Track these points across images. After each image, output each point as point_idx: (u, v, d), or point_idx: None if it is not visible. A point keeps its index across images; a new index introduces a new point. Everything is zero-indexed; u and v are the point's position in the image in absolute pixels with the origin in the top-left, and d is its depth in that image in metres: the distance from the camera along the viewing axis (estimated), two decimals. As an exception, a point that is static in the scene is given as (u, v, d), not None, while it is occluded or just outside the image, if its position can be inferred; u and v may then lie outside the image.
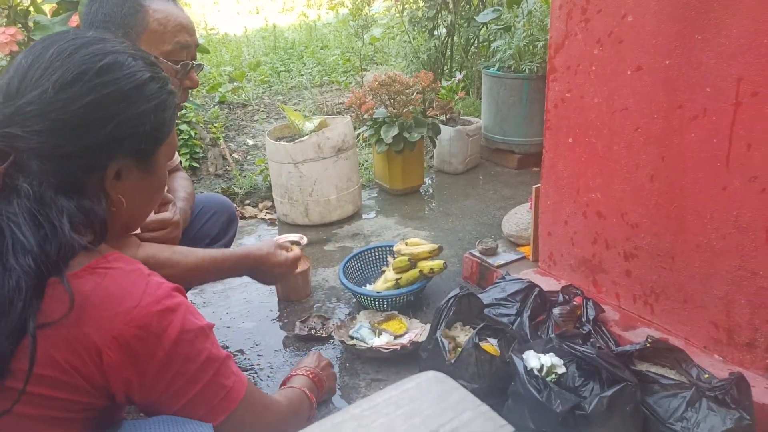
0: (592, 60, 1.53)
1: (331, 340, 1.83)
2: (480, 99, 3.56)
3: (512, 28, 3.16)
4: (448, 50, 4.27)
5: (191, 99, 3.16)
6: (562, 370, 1.31)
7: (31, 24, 2.50)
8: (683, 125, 1.35)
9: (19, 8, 2.52)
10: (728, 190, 1.30)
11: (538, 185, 1.85)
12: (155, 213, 1.35)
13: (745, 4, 1.17)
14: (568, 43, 1.60)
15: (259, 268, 1.40)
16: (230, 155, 3.54)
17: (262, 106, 4.49)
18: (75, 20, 2.35)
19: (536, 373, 1.30)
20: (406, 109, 2.82)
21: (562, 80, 1.64)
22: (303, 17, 8.83)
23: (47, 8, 2.57)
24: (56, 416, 0.75)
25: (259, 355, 1.79)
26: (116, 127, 0.80)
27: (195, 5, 9.32)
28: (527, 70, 2.97)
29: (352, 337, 1.76)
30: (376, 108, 2.89)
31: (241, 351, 1.81)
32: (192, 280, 1.33)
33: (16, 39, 2.35)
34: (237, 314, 2.03)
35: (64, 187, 0.77)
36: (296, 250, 1.51)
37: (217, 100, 4.40)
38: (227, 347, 1.84)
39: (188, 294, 2.15)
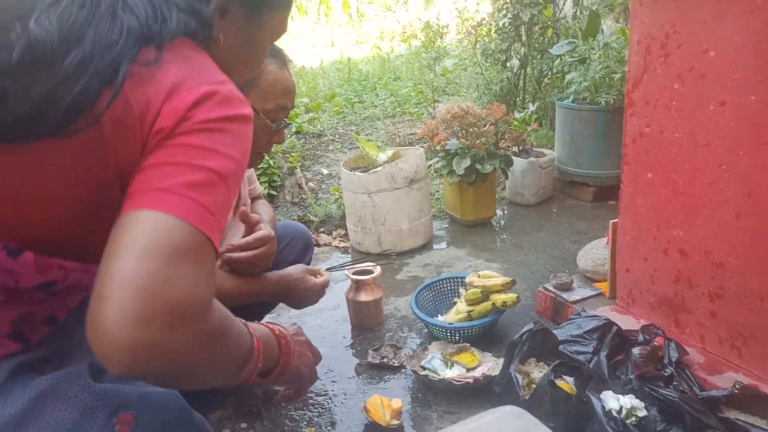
0: (672, 95, 1.51)
1: (404, 370, 1.85)
2: (553, 131, 3.54)
3: (587, 60, 3.14)
4: (520, 82, 4.28)
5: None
6: (643, 413, 1.28)
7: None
8: (772, 162, 1.31)
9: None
10: (823, 231, 1.24)
11: (616, 220, 1.82)
12: (249, 234, 1.43)
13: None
14: (646, 77, 1.58)
15: (290, 293, 1.49)
16: (306, 184, 3.67)
17: (336, 136, 4.64)
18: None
19: (615, 414, 1.27)
20: (478, 141, 2.85)
21: (640, 115, 1.63)
22: (376, 49, 9.08)
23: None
24: None
25: (333, 381, 1.83)
26: None
27: (274, 40, 9.75)
28: (603, 102, 2.93)
29: (424, 368, 1.77)
30: (449, 139, 2.94)
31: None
32: (228, 303, 1.38)
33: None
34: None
35: None
36: (325, 276, 1.57)
37: (294, 130, 4.58)
38: (302, 372, 1.90)
39: (264, 318, 2.25)
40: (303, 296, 1.52)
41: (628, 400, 1.31)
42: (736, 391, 1.30)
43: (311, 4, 11.24)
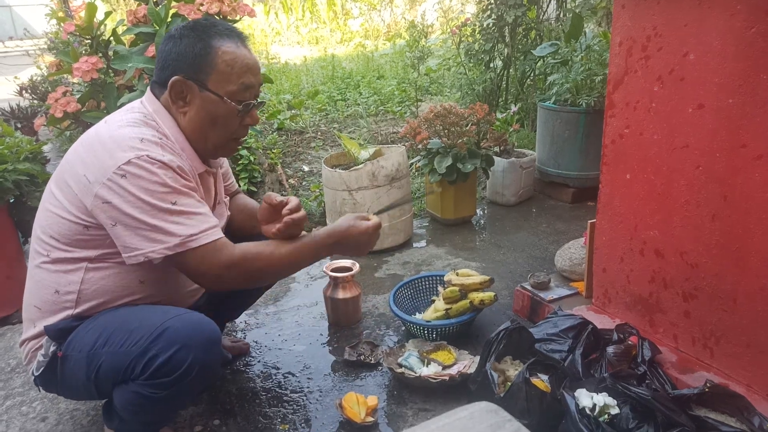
0: (652, 97, 1.52)
1: (380, 367, 1.84)
2: (534, 131, 3.56)
3: (570, 62, 3.16)
4: (503, 82, 4.30)
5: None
6: (615, 410, 1.29)
7: (111, 53, 2.68)
8: (747, 165, 1.32)
9: (101, 39, 2.71)
10: (795, 233, 1.26)
11: (594, 220, 1.83)
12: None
13: (815, 44, 1.15)
14: (627, 79, 1.60)
15: (343, 242, 1.44)
16: (287, 181, 3.64)
17: (318, 133, 4.62)
18: (151, 51, 2.50)
19: (588, 412, 1.28)
20: (460, 140, 2.85)
21: (620, 116, 1.64)
22: (360, 48, 9.06)
23: (126, 39, 2.75)
24: None
25: (308, 378, 1.82)
26: None
27: (258, 35, 9.71)
28: (584, 104, 2.96)
29: (400, 365, 1.77)
30: (431, 138, 2.93)
31: (291, 373, 1.85)
32: (287, 269, 1.43)
33: (97, 67, 2.52)
34: (288, 336, 2.08)
35: None
36: (375, 218, 1.51)
37: (275, 126, 4.55)
38: (278, 369, 1.88)
39: (241, 315, 2.22)
40: (357, 241, 1.45)
41: (601, 398, 1.31)
42: (707, 390, 1.31)
43: (296, 1, 11.18)
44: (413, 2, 11.07)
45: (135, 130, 1.27)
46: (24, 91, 5.01)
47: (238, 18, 2.68)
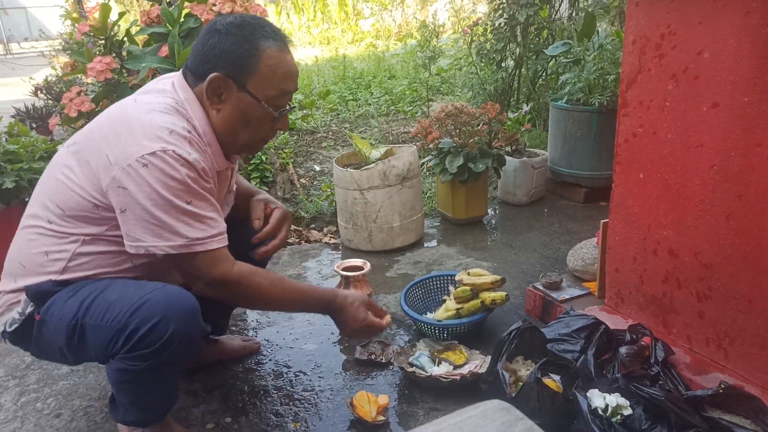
0: (666, 96, 1.51)
1: (391, 366, 1.84)
2: (546, 131, 3.54)
3: (582, 61, 3.14)
4: (515, 82, 4.28)
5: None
6: (628, 411, 1.28)
7: (124, 54, 2.70)
8: (763, 163, 1.31)
9: (114, 39, 2.74)
10: (812, 233, 1.24)
11: (606, 220, 1.82)
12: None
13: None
14: (641, 78, 1.58)
15: (338, 315, 1.50)
16: (298, 180, 3.66)
17: (329, 133, 4.63)
18: (165, 51, 2.53)
19: (601, 412, 1.27)
20: (471, 140, 2.84)
21: (634, 115, 1.63)
22: (372, 48, 9.07)
23: (139, 39, 2.77)
24: None
25: (320, 377, 1.82)
26: None
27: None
28: (597, 104, 2.94)
29: (411, 365, 1.76)
30: (442, 138, 2.93)
31: (303, 372, 1.85)
32: (273, 307, 1.51)
33: (111, 67, 2.55)
34: (300, 335, 2.08)
35: None
36: (387, 318, 1.55)
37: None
38: (289, 367, 1.88)
39: (253, 314, 2.23)
40: (347, 323, 1.50)
41: (613, 399, 1.30)
42: (721, 391, 1.30)
43: (308, 2, 11.21)
44: (424, 2, 11.06)
45: (165, 118, 1.25)
46: (39, 92, 5.06)
47: (250, 18, 2.69)
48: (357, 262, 2.17)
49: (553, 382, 1.48)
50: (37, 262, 1.31)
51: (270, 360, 1.93)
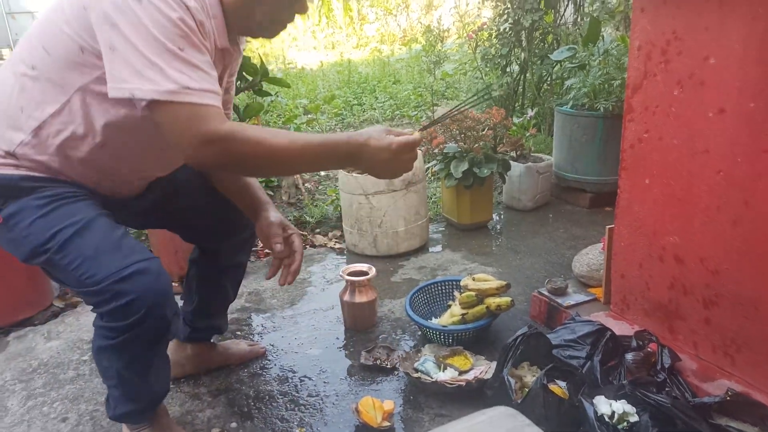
0: (672, 101, 1.51)
1: (396, 372, 1.84)
2: (551, 136, 3.54)
3: (587, 66, 3.14)
4: (520, 87, 4.28)
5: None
6: (634, 418, 1.27)
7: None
8: (770, 170, 1.30)
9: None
10: (819, 239, 1.24)
11: (612, 226, 1.82)
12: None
13: (839, 48, 1.14)
14: (646, 83, 1.58)
15: (359, 155, 1.23)
16: (303, 185, 3.66)
17: (334, 138, 4.64)
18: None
19: (607, 419, 1.27)
20: (476, 145, 2.85)
21: (639, 121, 1.63)
22: (377, 53, 9.09)
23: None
24: None
25: (325, 382, 1.82)
26: None
27: (275, 40, 9.79)
28: (602, 109, 2.94)
29: (416, 370, 1.76)
30: (447, 143, 2.93)
31: (308, 377, 1.86)
32: (280, 165, 1.27)
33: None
34: (305, 340, 2.08)
35: None
36: (416, 134, 1.26)
37: (292, 131, 4.58)
38: (294, 372, 1.89)
39: (258, 318, 2.24)
40: (375, 159, 1.22)
41: (620, 406, 1.30)
42: (728, 398, 1.29)
43: (312, 7, 11.25)
44: (429, 7, 11.09)
45: None
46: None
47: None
48: (362, 267, 2.17)
49: (558, 388, 1.47)
50: (9, 116, 1.24)
51: (275, 365, 1.94)
